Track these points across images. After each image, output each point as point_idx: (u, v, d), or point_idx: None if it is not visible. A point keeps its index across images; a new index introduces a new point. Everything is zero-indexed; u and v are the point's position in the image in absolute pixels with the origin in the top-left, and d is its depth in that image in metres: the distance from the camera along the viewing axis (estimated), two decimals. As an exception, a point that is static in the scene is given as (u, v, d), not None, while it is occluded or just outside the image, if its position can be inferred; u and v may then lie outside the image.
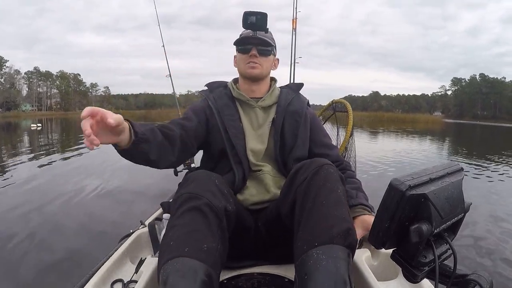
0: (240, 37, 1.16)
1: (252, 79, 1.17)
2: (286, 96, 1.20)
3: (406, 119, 39.42)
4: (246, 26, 1.11)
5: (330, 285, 0.66)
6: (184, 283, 0.67)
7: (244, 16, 1.11)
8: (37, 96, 70.67)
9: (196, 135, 1.09)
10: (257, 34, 1.13)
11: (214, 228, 0.78)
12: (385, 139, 13.21)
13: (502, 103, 76.03)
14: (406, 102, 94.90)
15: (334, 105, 2.39)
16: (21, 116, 49.29)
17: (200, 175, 0.89)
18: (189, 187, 0.83)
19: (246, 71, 1.15)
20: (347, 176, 1.12)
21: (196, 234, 0.75)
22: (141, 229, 1.25)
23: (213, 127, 1.13)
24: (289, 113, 1.16)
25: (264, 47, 1.14)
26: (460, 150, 9.88)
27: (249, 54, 1.13)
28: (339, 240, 0.73)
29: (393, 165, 5.89)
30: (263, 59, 1.15)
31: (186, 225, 0.76)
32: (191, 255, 0.71)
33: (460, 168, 0.64)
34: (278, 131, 1.13)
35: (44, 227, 2.56)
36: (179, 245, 0.73)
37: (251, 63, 1.13)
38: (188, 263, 0.70)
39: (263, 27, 1.11)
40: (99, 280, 0.94)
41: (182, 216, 0.78)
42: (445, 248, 0.59)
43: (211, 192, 0.83)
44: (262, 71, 1.15)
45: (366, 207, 1.01)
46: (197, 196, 0.80)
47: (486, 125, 40.44)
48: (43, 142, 10.89)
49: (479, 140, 16.53)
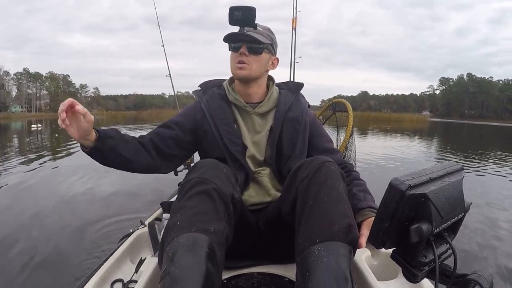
0: (227, 33, 1.06)
1: (241, 80, 1.09)
2: (285, 100, 1.13)
3: (392, 118, 41.22)
4: (233, 22, 1.02)
5: (331, 281, 0.66)
6: (190, 255, 0.68)
7: (229, 12, 1.01)
8: (26, 98, 70.96)
9: (176, 141, 1.07)
10: (245, 30, 1.03)
11: (222, 212, 0.78)
12: (369, 138, 13.31)
13: (489, 102, 77.89)
14: (395, 102, 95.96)
15: (334, 105, 2.38)
16: (11, 117, 49.23)
17: (209, 162, 0.89)
18: (198, 172, 0.84)
19: (235, 72, 1.07)
20: (352, 178, 1.09)
21: (203, 216, 0.75)
22: (141, 229, 1.25)
23: (206, 133, 1.08)
24: (288, 120, 1.10)
25: (253, 44, 1.04)
26: (442, 146, 10.11)
27: (239, 52, 1.05)
28: (340, 236, 0.73)
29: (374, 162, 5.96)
30: (253, 58, 1.05)
31: (193, 207, 0.76)
32: (197, 232, 0.72)
33: (460, 167, 0.64)
34: (275, 140, 1.08)
35: (44, 227, 2.56)
36: (185, 225, 0.73)
37: (240, 63, 1.05)
38: (193, 237, 0.70)
39: (250, 22, 1.02)
40: (99, 280, 0.94)
41: (190, 199, 0.78)
42: (445, 248, 0.59)
43: (219, 178, 0.83)
44: (250, 72, 1.06)
45: (374, 210, 0.99)
46: (205, 181, 0.80)
47: (473, 124, 41.99)
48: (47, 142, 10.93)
49: (456, 135, 17.27)
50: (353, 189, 1.04)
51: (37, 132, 14.84)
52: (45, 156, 6.98)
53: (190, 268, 0.66)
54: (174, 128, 1.08)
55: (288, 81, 1.27)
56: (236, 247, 0.93)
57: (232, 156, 1.06)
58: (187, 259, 0.67)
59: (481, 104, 79.55)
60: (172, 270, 0.66)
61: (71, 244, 2.23)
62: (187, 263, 0.67)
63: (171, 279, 0.65)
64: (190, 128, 1.09)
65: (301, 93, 1.20)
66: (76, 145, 8.91)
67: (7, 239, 2.32)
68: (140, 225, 1.29)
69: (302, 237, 0.77)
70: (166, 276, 0.66)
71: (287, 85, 1.22)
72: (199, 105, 1.12)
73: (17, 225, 2.61)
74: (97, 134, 0.92)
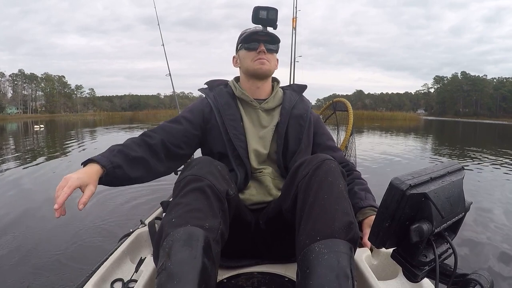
0: (249, 32, 1.12)
1: (261, 76, 1.13)
2: (291, 99, 1.17)
3: (385, 116, 42.88)
4: (257, 21, 1.07)
5: (331, 278, 0.66)
6: (186, 250, 0.68)
7: (254, 11, 1.07)
8: (22, 99, 70.83)
9: (187, 137, 1.08)
10: (267, 30, 1.09)
11: (216, 209, 0.79)
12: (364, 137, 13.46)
13: (483, 100, 78.38)
14: (390, 101, 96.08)
15: (334, 104, 2.39)
16: (7, 119, 48.70)
17: (203, 159, 0.90)
18: (192, 169, 0.84)
19: (255, 67, 1.11)
20: (354, 177, 1.12)
21: (198, 213, 0.75)
22: (141, 228, 1.25)
23: (212, 127, 1.10)
24: (294, 116, 1.14)
25: (272, 44, 1.12)
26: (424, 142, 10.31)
27: (258, 51, 1.10)
28: (341, 234, 0.73)
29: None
30: (270, 56, 1.12)
31: (188, 204, 0.77)
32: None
33: (461, 167, 0.64)
34: (282, 135, 1.11)
35: (44, 227, 2.56)
36: (181, 222, 0.73)
37: (260, 59, 1.10)
38: (189, 231, 0.71)
39: (273, 22, 1.08)
40: (99, 279, 0.94)
41: (184, 196, 0.79)
42: (445, 248, 0.59)
43: (214, 175, 0.83)
44: (270, 68, 1.12)
45: (375, 209, 1.01)
46: (200, 178, 0.81)
47: (467, 122, 43.00)
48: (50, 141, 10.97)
49: (445, 132, 17.57)
50: (354, 187, 1.06)
51: (40, 132, 15.08)
52: (43, 156, 6.97)
53: (186, 263, 0.66)
54: (183, 123, 1.09)
55: (291, 84, 1.31)
56: (236, 246, 0.93)
57: (234, 152, 1.07)
58: (183, 253, 0.67)
59: (475, 102, 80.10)
60: (169, 265, 0.66)
61: (71, 244, 2.23)
62: (184, 258, 0.67)
63: (167, 274, 0.65)
64: (199, 122, 1.11)
65: (303, 95, 1.24)
66: (76, 145, 8.94)
67: (7, 239, 2.32)
68: (140, 224, 1.29)
69: (302, 235, 0.77)
70: (162, 272, 0.66)
71: (291, 86, 1.27)
72: (206, 101, 1.15)
73: (16, 225, 2.61)
74: (103, 169, 0.89)
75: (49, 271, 1.88)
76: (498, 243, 2.38)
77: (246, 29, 1.15)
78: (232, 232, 0.85)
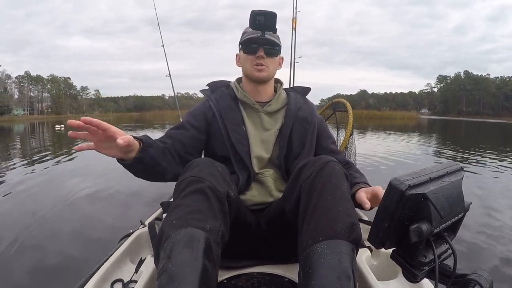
0: (247, 37, 1.09)
1: (259, 82, 1.13)
2: (295, 101, 1.16)
3: (384, 116, 44.51)
4: (254, 26, 1.04)
5: (333, 279, 0.66)
6: (187, 252, 0.68)
7: (251, 16, 1.03)
8: (28, 100, 71.18)
9: (194, 143, 1.07)
10: (265, 34, 1.06)
11: (217, 210, 0.78)
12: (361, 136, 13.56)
13: (486, 99, 78.42)
14: (393, 100, 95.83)
15: (334, 104, 2.39)
16: (15, 120, 48.98)
17: (203, 161, 0.90)
18: (193, 171, 0.84)
19: (253, 74, 1.10)
20: (352, 169, 1.14)
21: (198, 214, 0.75)
22: (141, 229, 1.25)
23: (215, 131, 1.10)
24: (299, 119, 1.13)
25: (271, 47, 1.09)
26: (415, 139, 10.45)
27: (256, 55, 1.08)
28: (344, 235, 0.73)
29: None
30: (269, 60, 1.10)
31: (188, 206, 0.76)
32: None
33: (460, 167, 0.64)
34: (285, 138, 1.10)
35: (44, 227, 2.56)
36: (181, 223, 0.73)
37: (258, 65, 1.08)
38: (190, 233, 0.70)
39: (272, 27, 1.05)
40: (99, 280, 0.94)
41: (185, 198, 0.78)
42: (445, 248, 0.59)
43: (214, 176, 0.83)
44: (269, 73, 1.11)
45: (367, 185, 1.02)
46: (200, 179, 0.81)
47: (470, 121, 43.68)
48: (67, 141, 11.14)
49: (445, 132, 17.75)
50: (349, 171, 1.07)
51: (61, 131, 15.76)
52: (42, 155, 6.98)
53: (187, 265, 0.66)
54: (189, 128, 1.08)
55: (294, 86, 1.31)
56: (236, 247, 0.93)
57: (237, 156, 1.07)
58: (184, 255, 0.67)
59: (478, 101, 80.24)
60: (169, 267, 0.66)
61: (71, 244, 2.23)
62: (184, 259, 0.67)
63: (168, 276, 0.65)
64: (204, 126, 1.11)
65: (307, 97, 1.24)
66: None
67: (6, 239, 2.32)
68: (140, 225, 1.29)
69: (305, 235, 0.77)
70: (163, 274, 0.66)
71: (294, 89, 1.26)
72: (207, 104, 1.14)
73: (17, 224, 2.61)
74: (140, 143, 0.88)
75: (49, 271, 1.88)
76: (498, 243, 2.37)
77: (248, 28, 1.13)
78: (232, 232, 0.85)
